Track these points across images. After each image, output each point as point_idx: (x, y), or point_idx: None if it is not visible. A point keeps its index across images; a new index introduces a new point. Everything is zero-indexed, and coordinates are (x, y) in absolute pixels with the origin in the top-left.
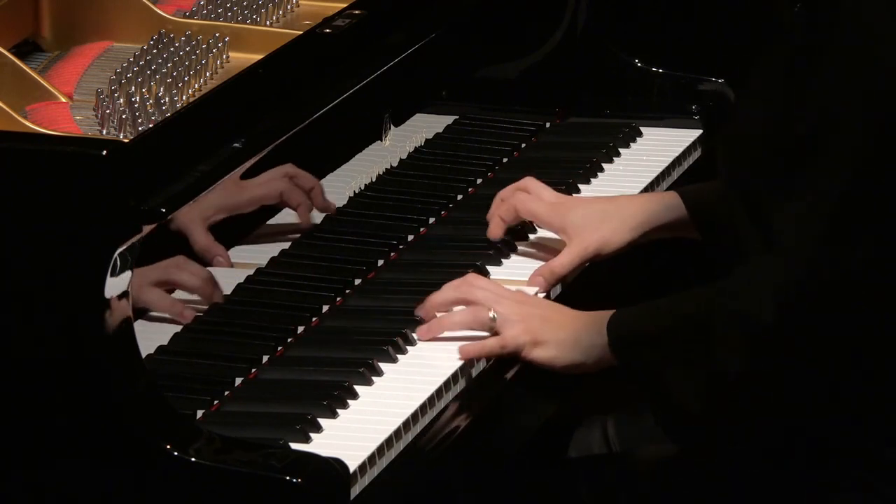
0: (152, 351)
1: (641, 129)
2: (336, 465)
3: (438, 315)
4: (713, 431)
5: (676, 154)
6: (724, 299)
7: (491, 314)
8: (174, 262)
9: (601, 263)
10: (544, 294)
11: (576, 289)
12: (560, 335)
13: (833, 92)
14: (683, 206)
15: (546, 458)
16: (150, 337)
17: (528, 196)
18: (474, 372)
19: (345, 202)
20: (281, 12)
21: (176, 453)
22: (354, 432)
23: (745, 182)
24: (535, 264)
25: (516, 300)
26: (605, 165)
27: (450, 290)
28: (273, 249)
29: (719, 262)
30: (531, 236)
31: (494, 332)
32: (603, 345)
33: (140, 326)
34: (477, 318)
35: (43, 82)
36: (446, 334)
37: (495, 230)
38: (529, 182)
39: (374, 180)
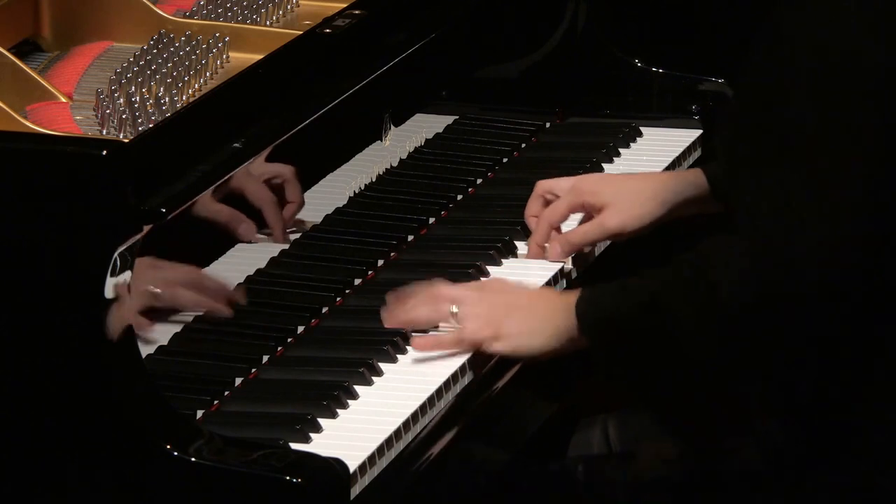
0: (152, 351)
1: (641, 129)
2: (336, 465)
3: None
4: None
5: (676, 154)
6: (701, 274)
7: (452, 308)
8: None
9: (622, 249)
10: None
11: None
12: (525, 325)
13: (802, 86)
14: (706, 183)
15: (546, 457)
16: (150, 337)
17: (551, 205)
18: (474, 372)
19: (345, 202)
20: (281, 12)
21: (176, 453)
22: (354, 432)
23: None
24: (536, 264)
25: (480, 291)
26: (605, 165)
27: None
28: (273, 249)
29: None
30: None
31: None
32: (573, 327)
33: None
34: (438, 312)
35: (43, 82)
36: (441, 330)
37: (558, 255)
38: (541, 186)
39: (374, 180)
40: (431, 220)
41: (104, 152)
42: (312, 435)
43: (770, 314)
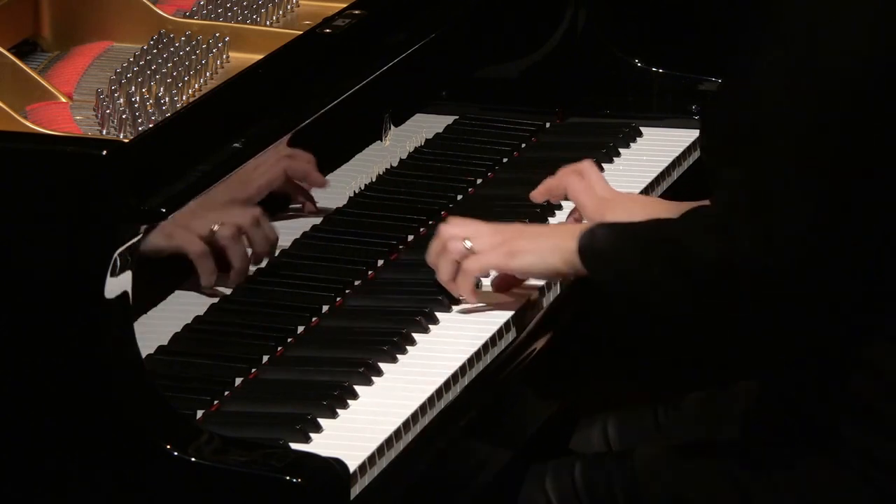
0: (152, 351)
1: (641, 129)
2: (336, 465)
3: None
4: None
5: (676, 154)
6: (679, 234)
7: (466, 244)
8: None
9: None
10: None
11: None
12: (536, 243)
13: (775, 73)
14: None
15: (546, 457)
16: (150, 337)
17: (582, 184)
18: (474, 372)
19: (345, 202)
20: (281, 12)
21: (176, 453)
22: (354, 432)
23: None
24: None
25: (491, 225)
26: (605, 165)
27: (432, 256)
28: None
29: None
30: None
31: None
32: (575, 251)
33: (140, 326)
34: (455, 252)
35: (43, 82)
36: (441, 330)
37: (537, 195)
38: (587, 167)
39: (374, 180)
40: (431, 220)
41: (104, 152)
42: (312, 435)
43: (738, 292)
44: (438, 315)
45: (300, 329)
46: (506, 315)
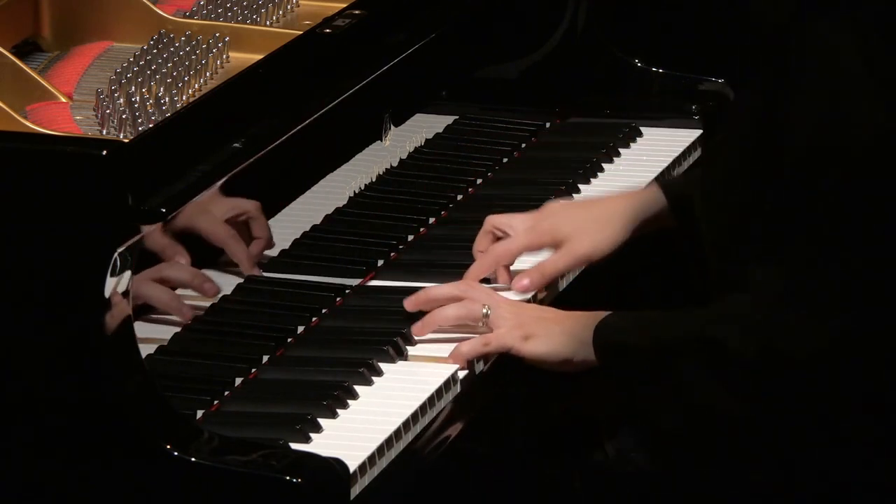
0: (152, 351)
1: (641, 129)
2: (336, 465)
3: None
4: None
5: (676, 154)
6: (711, 329)
7: (485, 310)
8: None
9: (597, 267)
10: (530, 296)
11: (572, 293)
12: (552, 329)
13: (803, 154)
14: (665, 199)
15: (545, 459)
16: (150, 337)
17: (502, 242)
18: (474, 373)
19: (345, 202)
20: (281, 12)
21: (176, 453)
22: (354, 432)
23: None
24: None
25: (513, 303)
26: (605, 165)
27: (450, 286)
28: (273, 250)
29: (696, 259)
30: None
31: (487, 329)
32: (591, 343)
33: (140, 326)
34: (470, 312)
35: (43, 82)
36: (446, 335)
37: (516, 286)
38: (492, 222)
39: (374, 180)
40: (431, 220)
41: (104, 152)
42: (312, 435)
43: (773, 373)
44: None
45: (300, 329)
46: None
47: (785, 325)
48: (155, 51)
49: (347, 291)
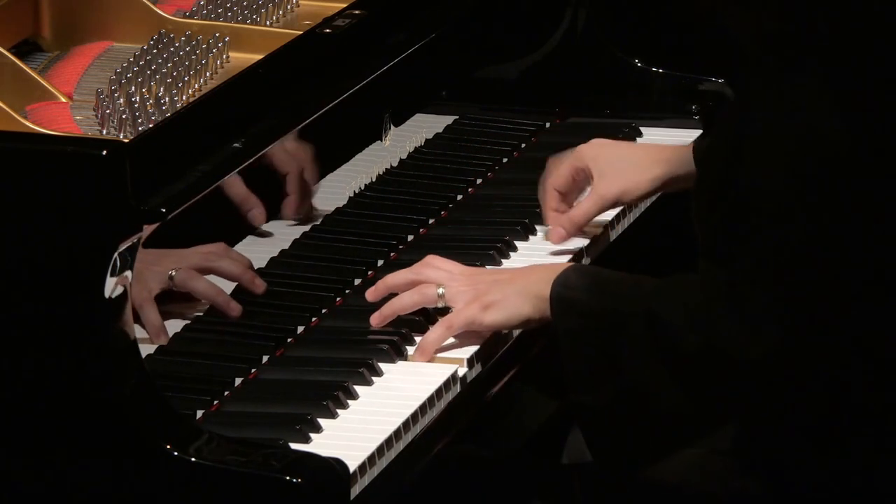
0: (152, 351)
1: (641, 129)
2: (336, 465)
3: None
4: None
5: None
6: (659, 305)
7: (439, 290)
8: (216, 248)
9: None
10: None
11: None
12: (508, 291)
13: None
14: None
15: (544, 459)
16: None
17: (553, 174)
18: (474, 372)
19: (345, 202)
20: (281, 12)
21: (176, 453)
22: (354, 432)
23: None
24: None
25: (467, 273)
26: None
27: (405, 271)
28: (273, 249)
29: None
30: (531, 237)
31: (445, 308)
32: (547, 298)
33: (140, 326)
34: (424, 297)
35: (43, 82)
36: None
37: (552, 237)
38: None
39: (374, 180)
40: (431, 220)
41: (104, 152)
42: (312, 435)
43: (714, 370)
44: (439, 316)
45: (300, 329)
46: None
47: (726, 325)
48: (155, 51)
49: (347, 291)
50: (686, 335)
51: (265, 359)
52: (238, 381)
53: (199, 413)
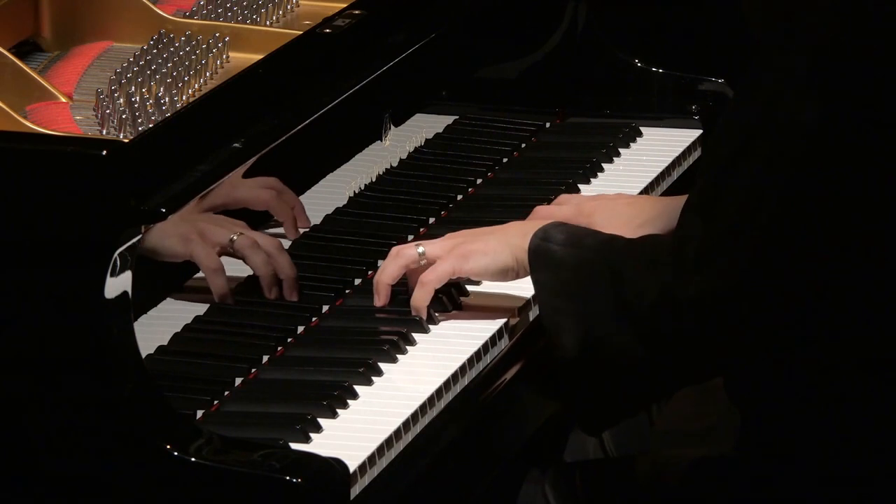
0: (152, 351)
1: (641, 129)
2: (336, 465)
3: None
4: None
5: (676, 154)
6: (622, 263)
7: (419, 249)
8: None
9: None
10: None
11: None
12: (488, 240)
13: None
14: None
15: (545, 458)
16: (150, 337)
17: (552, 206)
18: (474, 372)
19: (345, 202)
20: (281, 12)
21: (176, 453)
22: (354, 432)
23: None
24: None
25: (446, 236)
26: (605, 165)
27: (387, 262)
28: None
29: None
30: None
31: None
32: (526, 249)
33: (140, 326)
34: (406, 257)
35: (43, 82)
36: (441, 330)
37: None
38: (540, 213)
39: (374, 180)
40: (431, 220)
41: (104, 152)
42: (312, 435)
43: (667, 316)
44: (438, 315)
45: (300, 329)
46: (505, 316)
47: (675, 267)
48: (155, 51)
49: (347, 291)
50: (643, 291)
51: (265, 359)
52: (238, 381)
53: (199, 413)
